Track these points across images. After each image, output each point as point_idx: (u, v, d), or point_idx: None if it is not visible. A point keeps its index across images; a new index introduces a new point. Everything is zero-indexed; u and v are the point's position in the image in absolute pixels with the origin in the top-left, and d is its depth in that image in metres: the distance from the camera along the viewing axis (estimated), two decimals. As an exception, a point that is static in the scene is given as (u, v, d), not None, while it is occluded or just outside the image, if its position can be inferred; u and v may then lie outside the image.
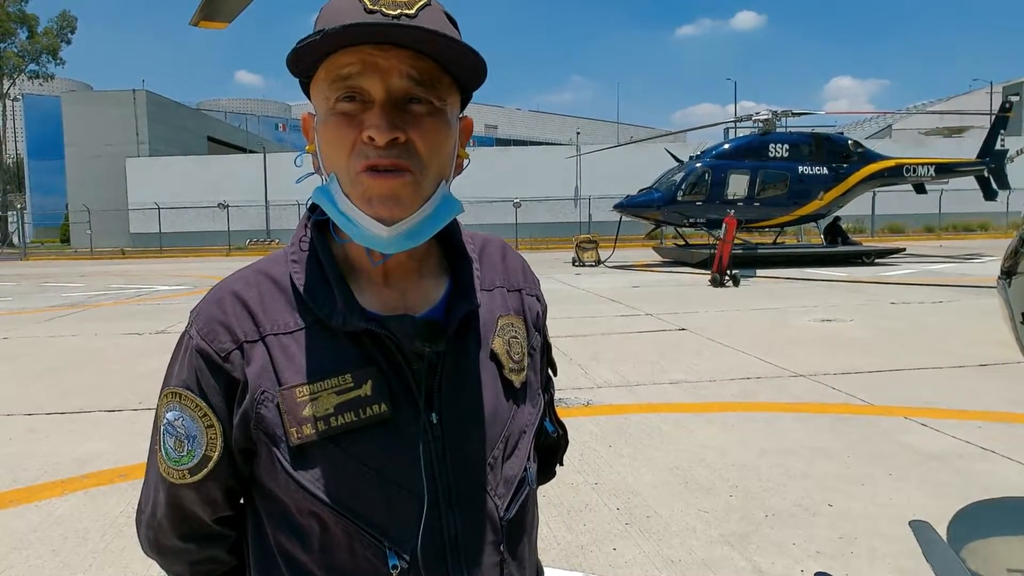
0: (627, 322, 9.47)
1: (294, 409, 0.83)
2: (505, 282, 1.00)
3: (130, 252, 34.29)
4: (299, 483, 0.83)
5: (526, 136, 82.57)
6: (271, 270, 0.91)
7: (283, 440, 0.83)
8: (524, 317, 1.00)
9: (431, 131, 0.82)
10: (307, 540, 0.86)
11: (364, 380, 0.84)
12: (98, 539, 3.29)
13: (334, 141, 0.82)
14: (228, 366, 0.86)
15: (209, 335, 0.87)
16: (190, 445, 0.87)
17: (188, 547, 0.94)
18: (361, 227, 0.82)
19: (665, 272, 18.13)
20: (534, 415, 0.98)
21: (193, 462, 0.87)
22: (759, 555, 3.02)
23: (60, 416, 5.39)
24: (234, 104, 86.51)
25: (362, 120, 0.80)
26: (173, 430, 0.88)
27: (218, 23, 4.06)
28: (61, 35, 50.58)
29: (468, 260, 0.95)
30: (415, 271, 0.92)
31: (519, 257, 1.06)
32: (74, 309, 12.15)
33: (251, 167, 38.92)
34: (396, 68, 0.79)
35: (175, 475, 0.88)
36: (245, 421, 0.85)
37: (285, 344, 0.86)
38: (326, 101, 0.82)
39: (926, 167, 21.95)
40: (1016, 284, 2.70)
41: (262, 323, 0.87)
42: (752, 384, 5.97)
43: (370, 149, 0.79)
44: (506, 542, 0.90)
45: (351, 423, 0.83)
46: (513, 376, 0.94)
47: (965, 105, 52.41)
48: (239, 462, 0.89)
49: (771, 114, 20.65)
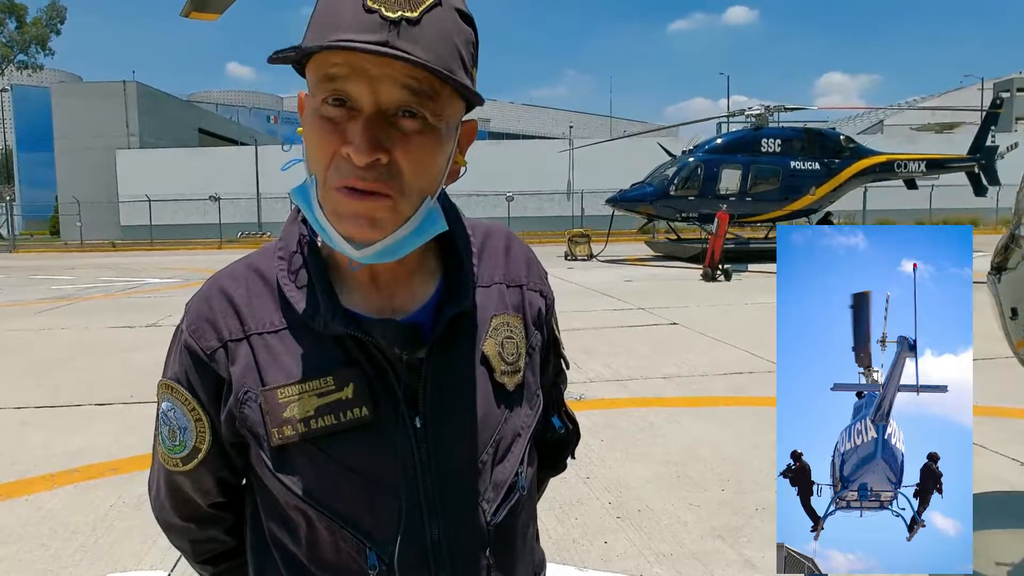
0: (619, 316, 9.49)
1: (275, 410, 0.82)
2: (505, 277, 0.96)
3: (120, 245, 34.09)
4: (281, 483, 0.83)
5: (519, 130, 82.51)
6: (261, 265, 0.89)
7: (265, 440, 0.83)
8: (523, 315, 0.96)
9: (418, 151, 0.75)
10: (295, 533, 0.86)
11: (346, 383, 0.83)
12: (88, 533, 3.28)
13: (315, 146, 0.76)
14: (213, 364, 0.86)
15: (196, 332, 0.87)
16: (181, 436, 0.89)
17: (188, 526, 0.98)
18: (333, 241, 0.78)
19: (657, 266, 18.17)
20: (530, 417, 0.95)
21: (184, 452, 0.89)
22: (750, 548, 3.04)
23: (50, 410, 5.37)
24: (225, 96, 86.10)
25: (345, 130, 0.73)
26: (167, 420, 0.90)
27: (209, 15, 4.01)
28: (50, 25, 50.20)
29: (463, 257, 0.91)
30: (404, 269, 0.88)
31: (525, 249, 1.01)
32: (64, 302, 12.08)
33: (242, 159, 38.71)
34: (389, 77, 0.72)
35: (170, 462, 0.91)
36: (231, 418, 0.86)
37: (269, 343, 0.85)
38: (313, 98, 0.76)
39: (917, 163, 22.05)
40: (1006, 280, 2.72)
41: (247, 321, 0.86)
42: (744, 378, 5.99)
43: (347, 166, 0.74)
44: (493, 548, 0.89)
45: (332, 426, 0.82)
46: (505, 379, 0.91)
47: (956, 101, 52.67)
48: (232, 454, 0.90)
49: (763, 109, 20.71)
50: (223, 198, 35.40)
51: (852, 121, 55.49)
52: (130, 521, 3.39)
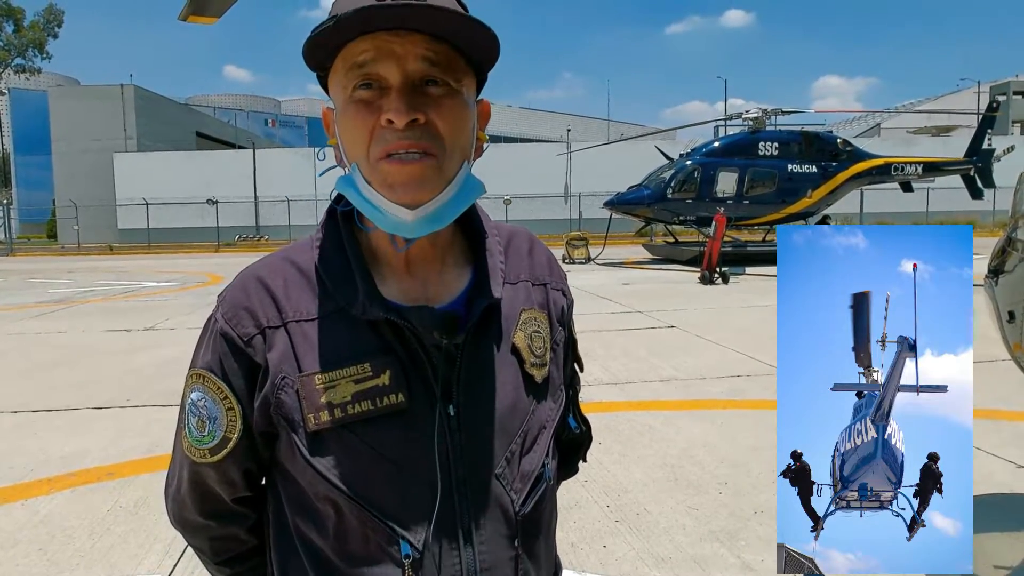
0: (617, 319, 9.49)
1: (312, 396, 0.84)
2: (531, 276, 0.99)
3: (118, 248, 34.05)
4: (315, 469, 0.84)
5: (516, 133, 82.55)
6: (297, 257, 0.92)
7: (301, 426, 0.84)
8: (548, 311, 1.00)
9: (450, 112, 0.82)
10: (322, 525, 0.87)
11: (383, 369, 0.84)
12: (85, 538, 3.27)
13: (353, 129, 0.82)
14: (250, 350, 0.87)
15: (233, 319, 0.88)
16: (211, 426, 0.89)
17: (209, 523, 0.97)
18: (385, 213, 0.82)
19: (655, 269, 18.19)
20: (555, 411, 0.98)
21: (214, 442, 0.89)
22: (748, 552, 3.03)
23: (47, 413, 5.36)
24: (223, 99, 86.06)
25: (380, 106, 0.80)
26: (196, 410, 0.90)
27: (207, 18, 4.01)
28: (48, 29, 50.16)
29: (492, 252, 0.95)
30: (438, 261, 0.92)
31: (546, 251, 1.05)
32: (62, 305, 12.05)
33: (240, 163, 38.73)
34: (412, 52, 0.79)
35: (196, 454, 0.91)
36: (266, 405, 0.86)
37: (306, 331, 0.87)
38: (344, 90, 0.82)
39: (914, 166, 22.11)
40: (1002, 283, 2.72)
41: (285, 309, 0.88)
42: (741, 381, 6.00)
43: (390, 133, 0.80)
44: (521, 537, 0.90)
45: (367, 411, 0.84)
46: (534, 371, 0.93)
47: (953, 104, 52.80)
48: (259, 445, 0.90)
49: (761, 112, 20.74)
50: (221, 201, 35.39)
51: (849, 124, 55.63)
52: (127, 525, 3.38)
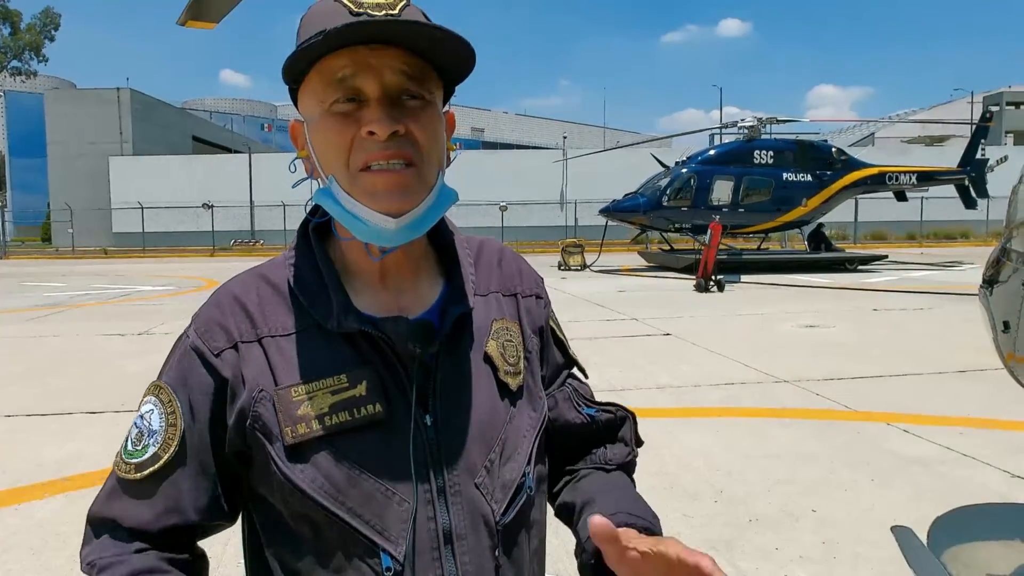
0: (613, 327, 9.50)
1: (289, 408, 0.84)
2: (501, 287, 1.01)
3: (113, 252, 33.95)
4: (293, 483, 0.83)
5: (513, 140, 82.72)
6: (270, 274, 0.93)
7: (278, 439, 0.84)
8: (520, 321, 1.01)
9: (427, 122, 0.84)
10: (299, 546, 0.86)
11: (359, 380, 0.85)
12: (79, 543, 3.25)
13: (331, 141, 0.83)
14: (218, 362, 0.86)
15: (206, 334, 0.88)
16: (147, 439, 0.87)
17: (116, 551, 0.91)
18: (366, 223, 0.83)
19: (651, 277, 18.21)
20: (535, 419, 0.97)
21: (142, 458, 0.87)
22: (743, 560, 3.04)
23: (41, 418, 5.34)
24: (220, 104, 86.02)
25: (359, 118, 0.81)
26: (141, 422, 0.89)
27: (206, 23, 4.02)
28: (44, 32, 50.07)
29: (463, 263, 0.97)
30: (411, 272, 0.93)
31: (516, 259, 1.07)
32: (56, 309, 12.02)
33: (236, 167, 38.70)
34: (389, 66, 0.81)
35: (122, 468, 0.88)
36: (241, 419, 0.85)
37: (282, 346, 0.87)
38: (320, 104, 0.82)
39: (908, 175, 22.20)
40: (997, 293, 2.74)
41: (259, 325, 0.88)
42: (737, 389, 6.01)
43: (371, 144, 0.81)
44: (502, 547, 0.90)
45: (345, 422, 0.83)
46: (508, 379, 0.94)
47: (947, 114, 53.11)
48: (209, 478, 0.86)
49: (756, 121, 20.83)
50: (216, 206, 35.34)
51: (844, 133, 55.88)
52: (122, 530, 3.36)
